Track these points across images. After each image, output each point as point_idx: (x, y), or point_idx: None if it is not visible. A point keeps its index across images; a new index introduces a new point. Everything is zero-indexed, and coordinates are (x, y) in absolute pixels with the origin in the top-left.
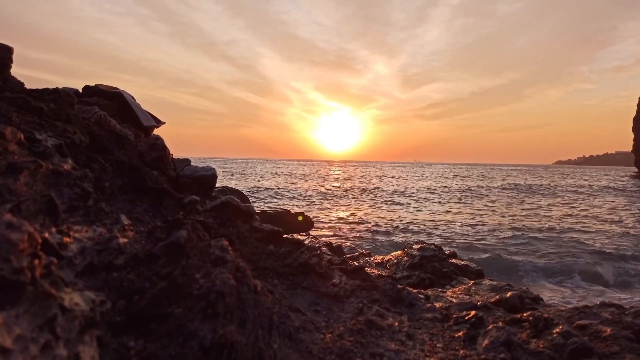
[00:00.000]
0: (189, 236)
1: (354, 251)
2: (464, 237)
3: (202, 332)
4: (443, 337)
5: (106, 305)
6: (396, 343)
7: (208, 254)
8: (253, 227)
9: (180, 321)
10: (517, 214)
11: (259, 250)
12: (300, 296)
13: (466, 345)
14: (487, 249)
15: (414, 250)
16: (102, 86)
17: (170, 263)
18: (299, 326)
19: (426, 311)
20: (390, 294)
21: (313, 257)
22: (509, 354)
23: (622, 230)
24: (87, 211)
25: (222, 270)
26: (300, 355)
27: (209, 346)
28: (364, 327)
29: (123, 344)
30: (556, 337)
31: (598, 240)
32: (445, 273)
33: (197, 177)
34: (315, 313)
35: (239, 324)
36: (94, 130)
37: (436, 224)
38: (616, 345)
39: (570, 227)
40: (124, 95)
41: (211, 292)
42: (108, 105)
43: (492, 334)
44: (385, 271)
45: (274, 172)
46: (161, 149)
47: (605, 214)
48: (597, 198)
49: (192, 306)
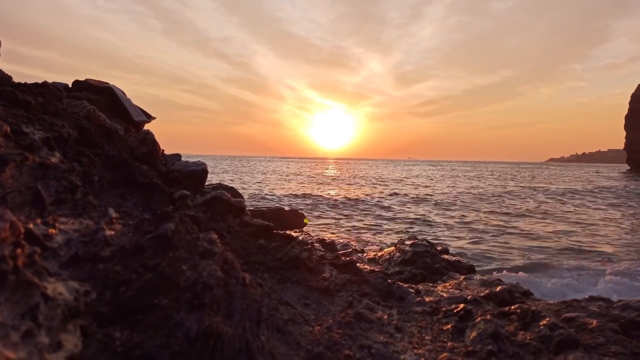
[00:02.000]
0: (176, 228)
1: (347, 247)
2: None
3: (188, 323)
4: (432, 329)
5: (91, 296)
6: (385, 335)
7: (196, 246)
8: (244, 221)
9: (166, 312)
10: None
11: (250, 244)
12: (290, 290)
13: (454, 338)
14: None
15: (406, 246)
16: (92, 81)
17: (158, 255)
18: (287, 319)
19: (416, 305)
20: (381, 288)
21: (304, 252)
22: (496, 345)
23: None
24: (74, 204)
25: (209, 262)
26: (288, 347)
27: (194, 336)
28: (352, 320)
29: (109, 335)
30: (543, 329)
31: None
32: (436, 268)
33: (188, 172)
34: (305, 306)
35: (226, 315)
36: (83, 124)
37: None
38: (602, 336)
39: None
40: (114, 90)
41: (198, 284)
42: (98, 100)
43: (480, 327)
44: (377, 267)
45: (267, 170)
46: (151, 144)
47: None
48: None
49: (179, 297)
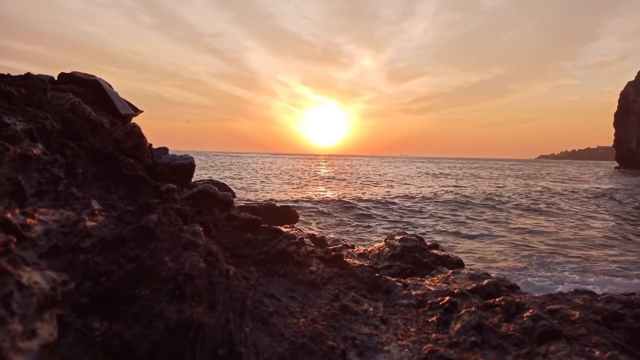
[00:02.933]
0: (159, 220)
1: (337, 243)
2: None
3: (168, 313)
4: (417, 321)
5: (69, 286)
6: (370, 327)
7: (179, 238)
8: (231, 215)
9: (146, 302)
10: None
11: (237, 238)
12: (276, 283)
13: (439, 329)
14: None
15: (396, 241)
16: (78, 74)
17: (139, 246)
18: (272, 311)
19: (402, 298)
20: (368, 282)
21: (291, 245)
22: (480, 336)
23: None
24: (57, 196)
25: (192, 254)
26: (272, 338)
27: (174, 326)
28: (338, 312)
29: (87, 325)
30: (526, 320)
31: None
32: (425, 263)
33: (175, 166)
34: (290, 299)
35: (208, 307)
36: (68, 116)
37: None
38: (584, 328)
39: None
40: (101, 82)
41: (179, 275)
42: (84, 93)
43: (464, 318)
44: (367, 262)
45: (258, 167)
46: (138, 137)
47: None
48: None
49: (160, 288)
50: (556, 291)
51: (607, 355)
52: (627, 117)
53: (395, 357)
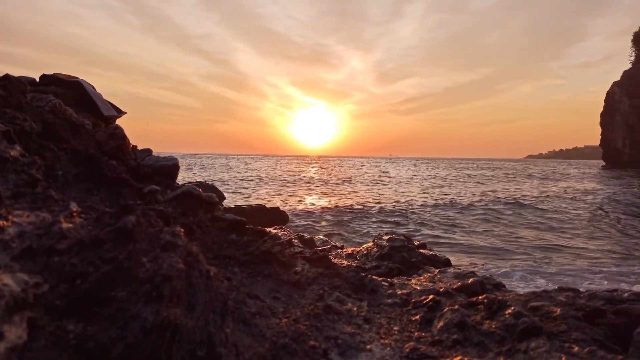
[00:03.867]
0: (137, 221)
1: (326, 243)
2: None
3: (145, 314)
4: (401, 320)
5: (42, 288)
6: (353, 327)
7: (158, 239)
8: (215, 216)
9: (123, 304)
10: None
11: (221, 239)
12: (260, 284)
13: (422, 328)
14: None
15: (384, 241)
16: (60, 75)
17: (117, 248)
18: (255, 312)
19: (387, 297)
20: (353, 281)
21: (276, 246)
22: (462, 334)
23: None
24: (34, 198)
25: (171, 255)
26: (253, 339)
27: (150, 328)
28: (321, 312)
29: (61, 327)
30: (508, 317)
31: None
32: (413, 263)
33: (159, 167)
34: (274, 300)
35: (187, 308)
36: (48, 118)
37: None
38: (564, 324)
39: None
40: (83, 84)
41: (157, 276)
42: (66, 94)
43: (447, 316)
44: (355, 262)
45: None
46: (120, 138)
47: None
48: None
49: (137, 289)
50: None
51: (585, 350)
52: (613, 116)
53: (377, 355)
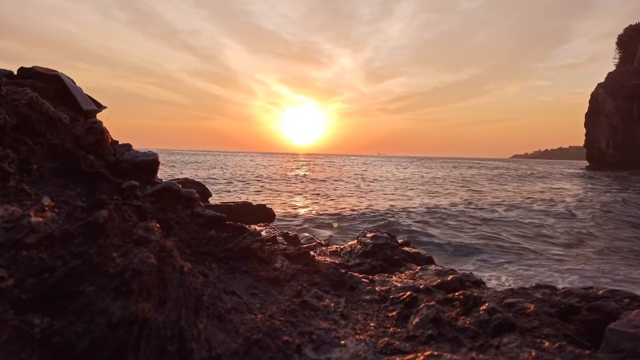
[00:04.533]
0: (109, 216)
1: (311, 241)
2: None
3: (112, 309)
4: (377, 316)
5: (6, 282)
6: (329, 322)
7: (131, 234)
8: (195, 212)
9: (90, 299)
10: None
11: (199, 235)
12: (238, 280)
13: (398, 324)
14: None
15: (367, 238)
16: (39, 68)
17: (87, 242)
18: (230, 307)
19: (366, 293)
20: (333, 278)
21: (255, 242)
22: (437, 330)
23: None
24: (5, 192)
25: (143, 250)
26: (227, 334)
27: (116, 322)
28: (297, 308)
29: (27, 322)
30: (482, 313)
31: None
32: (396, 260)
33: (138, 162)
34: (252, 296)
35: (158, 303)
36: (24, 111)
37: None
38: (537, 320)
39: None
40: (62, 77)
41: (127, 270)
42: (44, 88)
43: (422, 312)
44: (338, 259)
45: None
46: (99, 133)
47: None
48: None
49: (106, 284)
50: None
51: (555, 346)
52: (597, 117)
53: (351, 351)
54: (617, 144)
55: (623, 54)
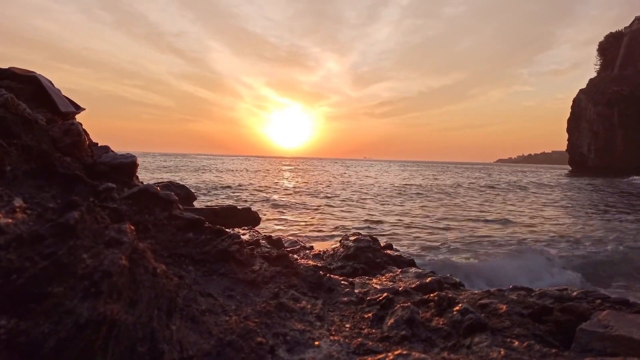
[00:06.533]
0: (81, 217)
1: (295, 244)
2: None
3: (80, 310)
4: (353, 318)
5: None
6: (304, 324)
7: (102, 235)
8: (173, 215)
9: (59, 300)
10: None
11: (177, 237)
12: (215, 282)
13: (373, 325)
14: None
15: (350, 241)
16: (15, 69)
17: (57, 243)
18: (205, 309)
19: (344, 295)
20: (311, 280)
21: (233, 245)
22: (411, 330)
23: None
24: None
25: (114, 251)
26: (199, 335)
27: (84, 323)
28: (272, 310)
29: None
30: (455, 314)
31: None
32: (378, 263)
33: (116, 164)
34: (228, 298)
35: (129, 304)
36: None
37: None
38: (508, 320)
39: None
40: (40, 79)
41: (97, 272)
42: (21, 89)
43: (397, 313)
44: (321, 262)
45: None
46: (76, 135)
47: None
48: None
49: (75, 285)
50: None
51: (524, 345)
52: (578, 123)
53: (325, 351)
54: (599, 149)
55: (604, 61)
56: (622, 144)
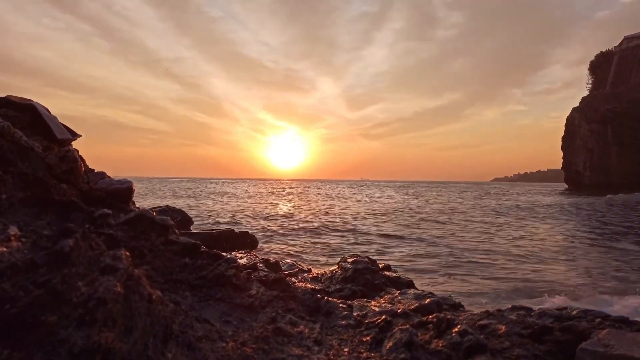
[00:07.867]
0: (75, 244)
1: (293, 267)
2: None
3: (74, 339)
4: (352, 341)
5: None
6: (302, 349)
7: (98, 262)
8: (169, 240)
9: (52, 328)
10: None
11: (173, 262)
12: (212, 307)
13: (372, 348)
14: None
15: (348, 263)
16: (12, 97)
17: (51, 271)
18: (202, 335)
19: (342, 319)
20: (309, 304)
21: (230, 269)
22: (409, 354)
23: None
24: None
25: (109, 279)
26: None
27: (78, 352)
28: (270, 335)
29: None
30: (455, 336)
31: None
32: (376, 285)
33: (112, 190)
34: (225, 323)
35: (124, 332)
36: None
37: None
38: (508, 341)
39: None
40: (37, 107)
41: (91, 300)
42: (18, 117)
43: (396, 336)
44: (319, 285)
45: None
46: (72, 161)
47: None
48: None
49: (69, 313)
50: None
51: None
52: (573, 140)
53: None
54: (594, 166)
55: (595, 79)
56: (616, 160)
